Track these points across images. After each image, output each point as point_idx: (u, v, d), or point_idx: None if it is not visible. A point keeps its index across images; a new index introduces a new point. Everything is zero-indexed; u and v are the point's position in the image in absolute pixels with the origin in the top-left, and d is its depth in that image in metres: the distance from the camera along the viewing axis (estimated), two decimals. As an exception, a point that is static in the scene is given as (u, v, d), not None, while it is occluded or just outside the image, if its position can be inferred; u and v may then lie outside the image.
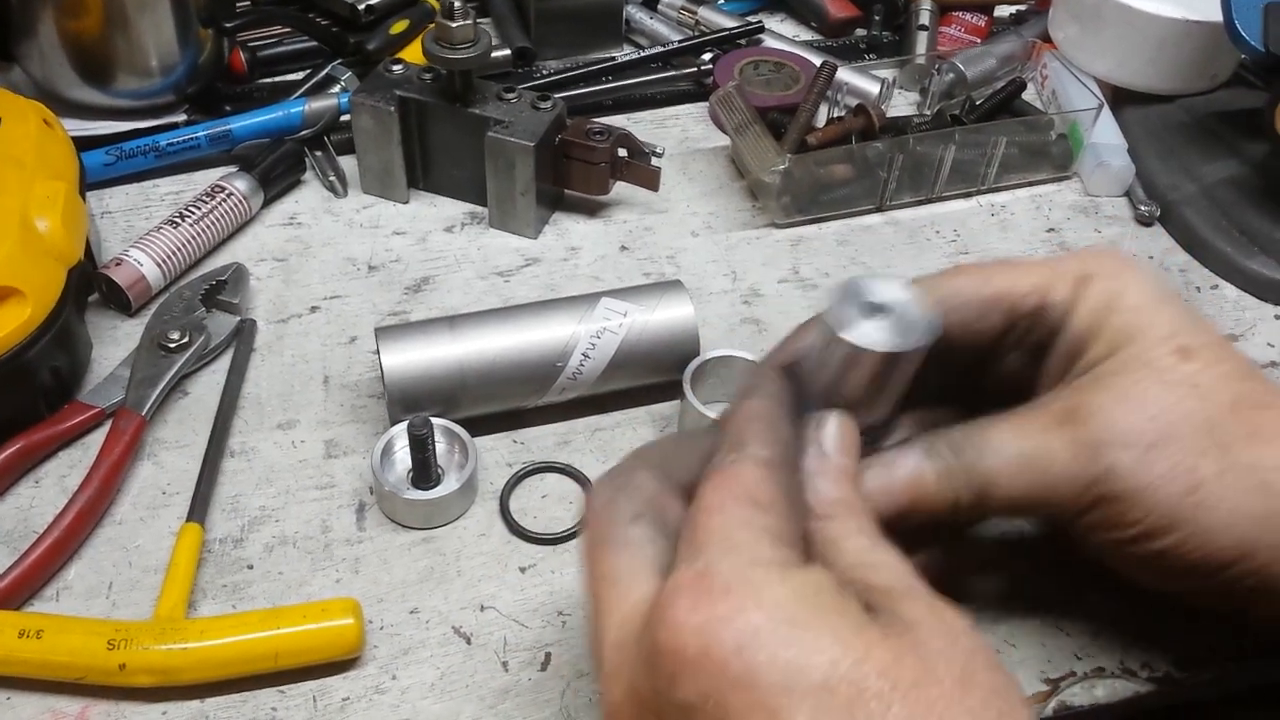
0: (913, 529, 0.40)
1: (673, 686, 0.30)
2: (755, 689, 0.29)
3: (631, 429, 0.57)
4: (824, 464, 0.38)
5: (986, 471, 0.40)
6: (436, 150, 0.69)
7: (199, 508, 0.51)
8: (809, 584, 0.32)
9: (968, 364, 0.45)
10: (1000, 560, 0.51)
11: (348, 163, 0.71)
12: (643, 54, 0.82)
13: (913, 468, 0.41)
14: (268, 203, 0.69)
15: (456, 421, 0.54)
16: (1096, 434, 0.39)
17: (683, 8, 0.87)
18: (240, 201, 0.66)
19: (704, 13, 0.86)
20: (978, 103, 0.77)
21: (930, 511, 0.41)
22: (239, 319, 0.60)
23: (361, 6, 0.80)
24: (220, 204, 0.65)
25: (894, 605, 0.32)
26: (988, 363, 0.45)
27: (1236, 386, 0.40)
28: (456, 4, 0.62)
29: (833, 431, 0.39)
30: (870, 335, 0.38)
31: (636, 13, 0.86)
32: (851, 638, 0.30)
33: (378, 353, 0.53)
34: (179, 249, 0.62)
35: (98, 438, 0.54)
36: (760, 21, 0.84)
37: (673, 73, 0.81)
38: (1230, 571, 0.39)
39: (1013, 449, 0.40)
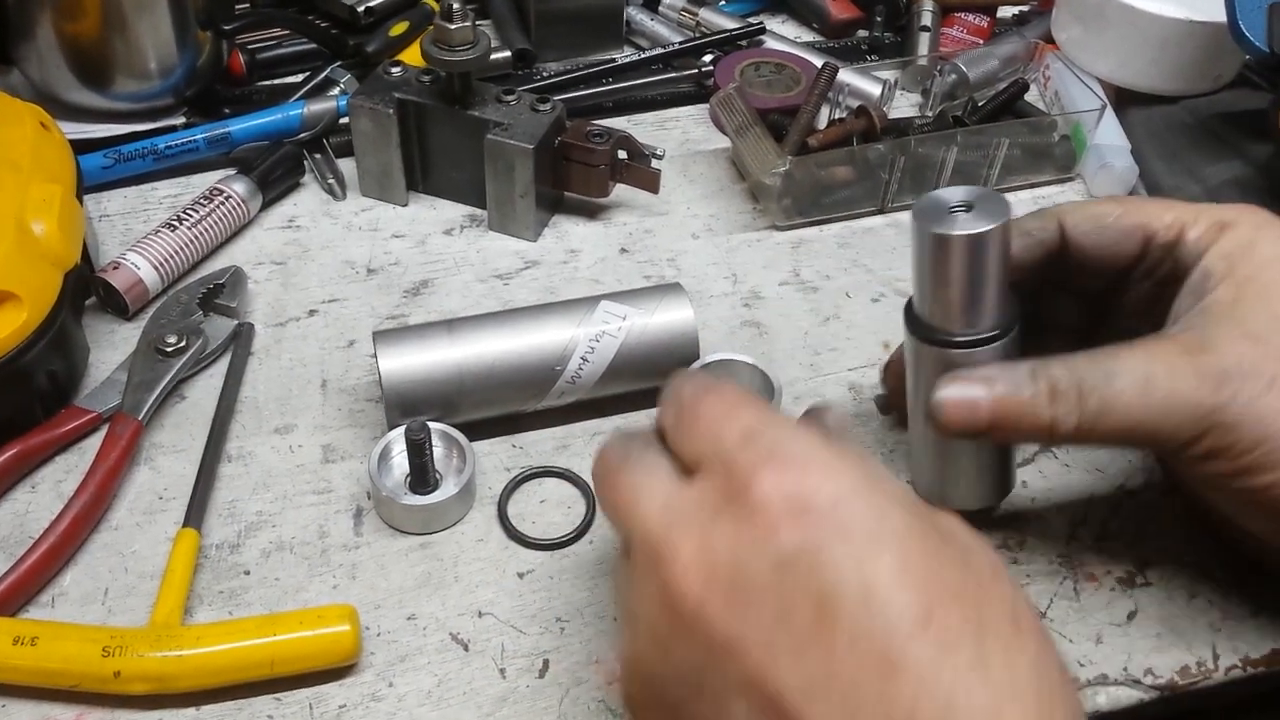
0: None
1: (770, 539, 0.32)
2: (850, 538, 0.31)
3: (631, 433, 0.57)
4: None
5: (1111, 394, 0.42)
6: (436, 153, 0.68)
7: (195, 513, 0.51)
8: (865, 467, 0.34)
9: (1100, 290, 0.48)
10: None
11: (346, 165, 0.71)
12: (643, 55, 0.81)
13: (1008, 385, 0.43)
14: (266, 205, 0.69)
15: (454, 426, 0.54)
16: (1223, 363, 0.41)
17: (683, 9, 0.86)
18: (238, 204, 0.66)
19: (705, 14, 0.86)
20: (980, 104, 0.76)
21: (1016, 432, 0.44)
22: (236, 322, 0.60)
23: (361, 9, 0.79)
24: (218, 207, 0.65)
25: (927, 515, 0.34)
26: (1118, 292, 0.48)
27: None
28: (455, 6, 0.62)
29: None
30: (955, 227, 0.43)
31: (637, 14, 0.86)
32: (909, 515, 0.33)
33: (375, 356, 0.53)
34: (176, 252, 0.62)
35: (94, 442, 0.54)
36: (761, 23, 0.84)
37: (673, 74, 0.81)
38: None
39: (1140, 371, 0.42)
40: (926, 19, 0.86)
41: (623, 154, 0.68)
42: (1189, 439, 0.41)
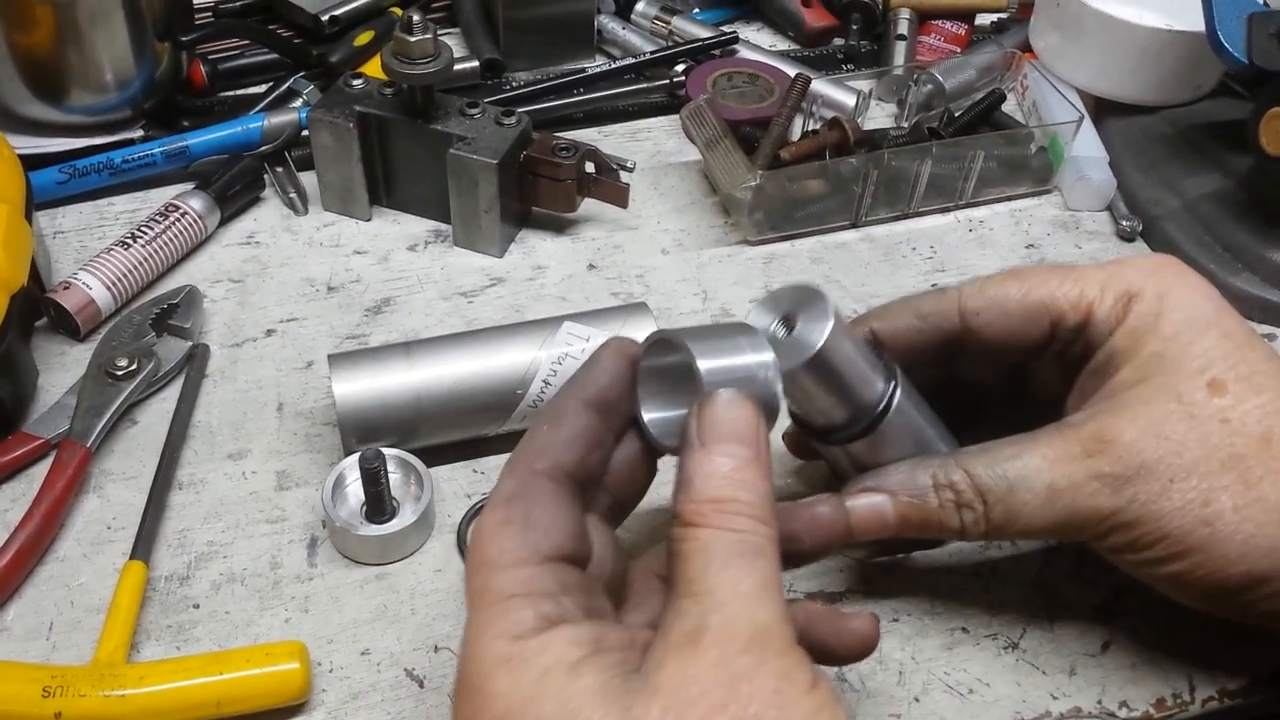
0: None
1: None
2: None
3: (596, 457, 0.55)
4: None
5: (1015, 504, 0.41)
6: (399, 167, 0.67)
7: (144, 544, 0.50)
8: None
9: (1012, 368, 0.47)
10: (972, 597, 0.50)
11: (309, 179, 0.69)
12: (615, 65, 0.80)
13: (913, 495, 0.43)
14: (225, 221, 0.67)
15: (413, 451, 0.52)
16: (1123, 466, 0.40)
17: (656, 18, 0.85)
18: (195, 221, 0.64)
19: (678, 23, 0.84)
20: (956, 115, 0.75)
21: (927, 534, 0.43)
22: (191, 344, 0.58)
23: (325, 18, 0.78)
24: (174, 224, 0.63)
25: None
26: (1032, 365, 0.46)
27: (1271, 421, 0.40)
28: (415, 18, 0.60)
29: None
30: (787, 358, 0.40)
31: (609, 23, 0.84)
32: None
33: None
34: (130, 271, 0.60)
35: (42, 470, 0.52)
36: (734, 32, 0.82)
37: (645, 85, 0.80)
38: (1245, 595, 0.40)
39: (1041, 480, 0.41)
40: (903, 27, 0.85)
41: (590, 168, 0.66)
42: (1093, 536, 0.42)
